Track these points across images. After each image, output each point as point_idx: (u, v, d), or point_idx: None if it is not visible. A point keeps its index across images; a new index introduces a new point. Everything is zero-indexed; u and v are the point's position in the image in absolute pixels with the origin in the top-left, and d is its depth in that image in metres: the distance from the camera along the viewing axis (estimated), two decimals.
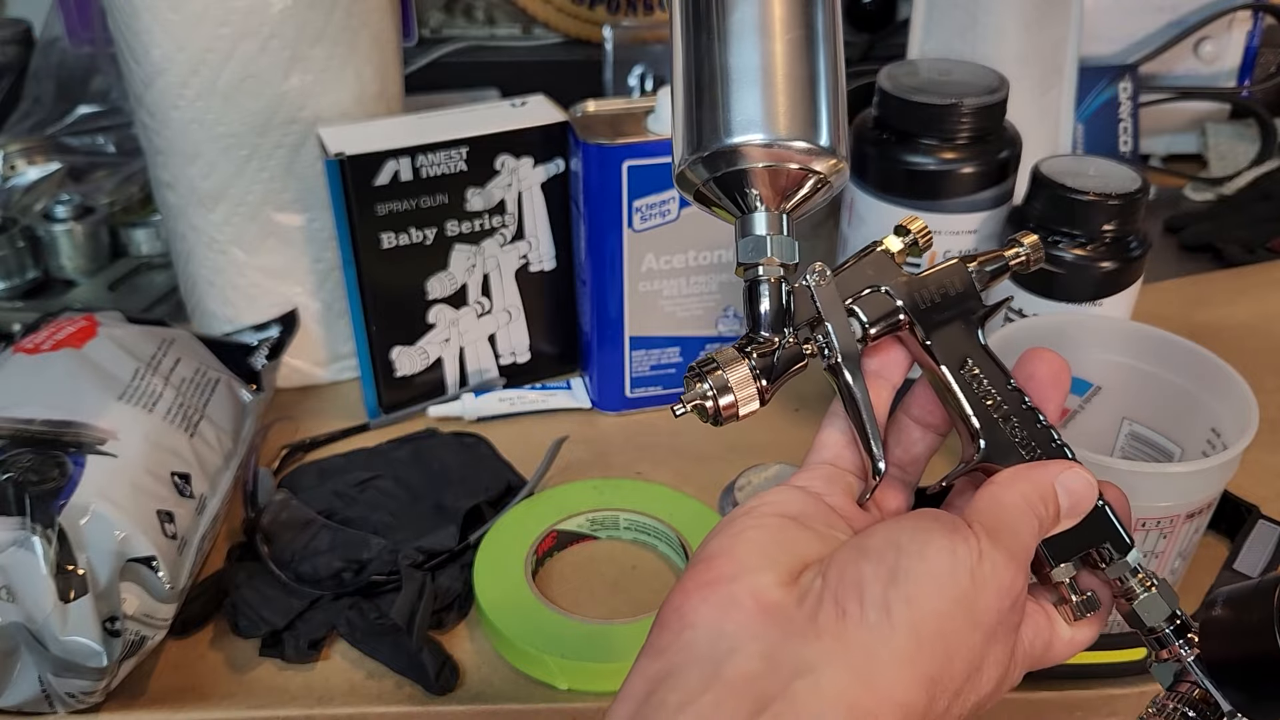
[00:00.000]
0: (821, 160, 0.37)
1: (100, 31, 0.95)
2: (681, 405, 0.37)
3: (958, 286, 0.39)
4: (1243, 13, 1.03)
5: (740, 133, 0.36)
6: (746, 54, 0.36)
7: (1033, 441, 0.38)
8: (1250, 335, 0.83)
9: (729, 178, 0.37)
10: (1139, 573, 0.38)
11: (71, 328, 0.64)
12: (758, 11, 0.37)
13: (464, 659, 0.56)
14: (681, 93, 0.38)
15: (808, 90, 0.37)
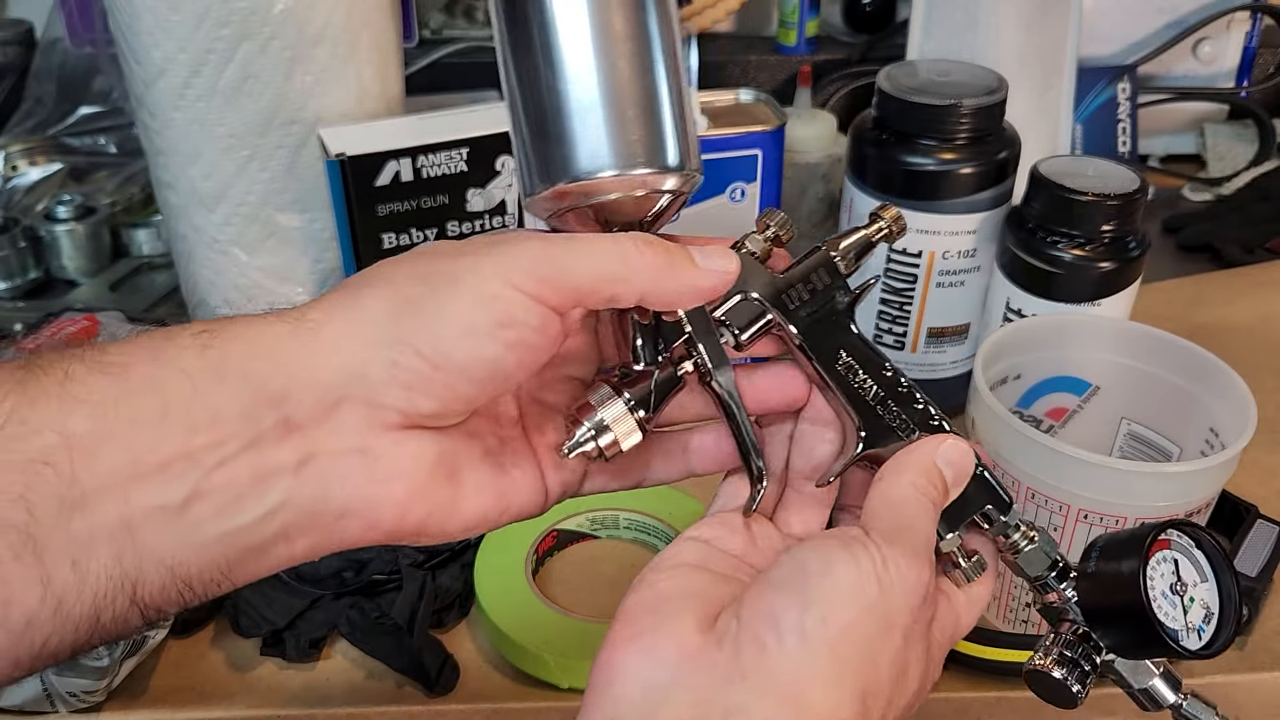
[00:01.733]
0: (673, 178, 0.36)
1: (101, 32, 0.95)
2: (565, 450, 0.37)
3: (825, 279, 0.40)
4: (1241, 14, 1.03)
5: (588, 167, 0.35)
6: (582, 78, 0.35)
7: (911, 422, 0.39)
8: (1249, 335, 0.83)
9: (582, 211, 0.36)
10: (1020, 527, 0.39)
11: (73, 328, 0.64)
12: (587, 29, 0.35)
13: (464, 659, 0.57)
14: (520, 122, 0.37)
15: (650, 108, 0.36)
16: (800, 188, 0.76)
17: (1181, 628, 0.37)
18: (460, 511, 0.36)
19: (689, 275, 0.36)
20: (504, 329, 0.34)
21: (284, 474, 0.33)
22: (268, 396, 0.33)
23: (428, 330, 0.33)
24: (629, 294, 0.35)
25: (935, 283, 0.68)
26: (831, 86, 1.04)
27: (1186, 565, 0.38)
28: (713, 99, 0.71)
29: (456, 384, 0.34)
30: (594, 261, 0.35)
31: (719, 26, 1.10)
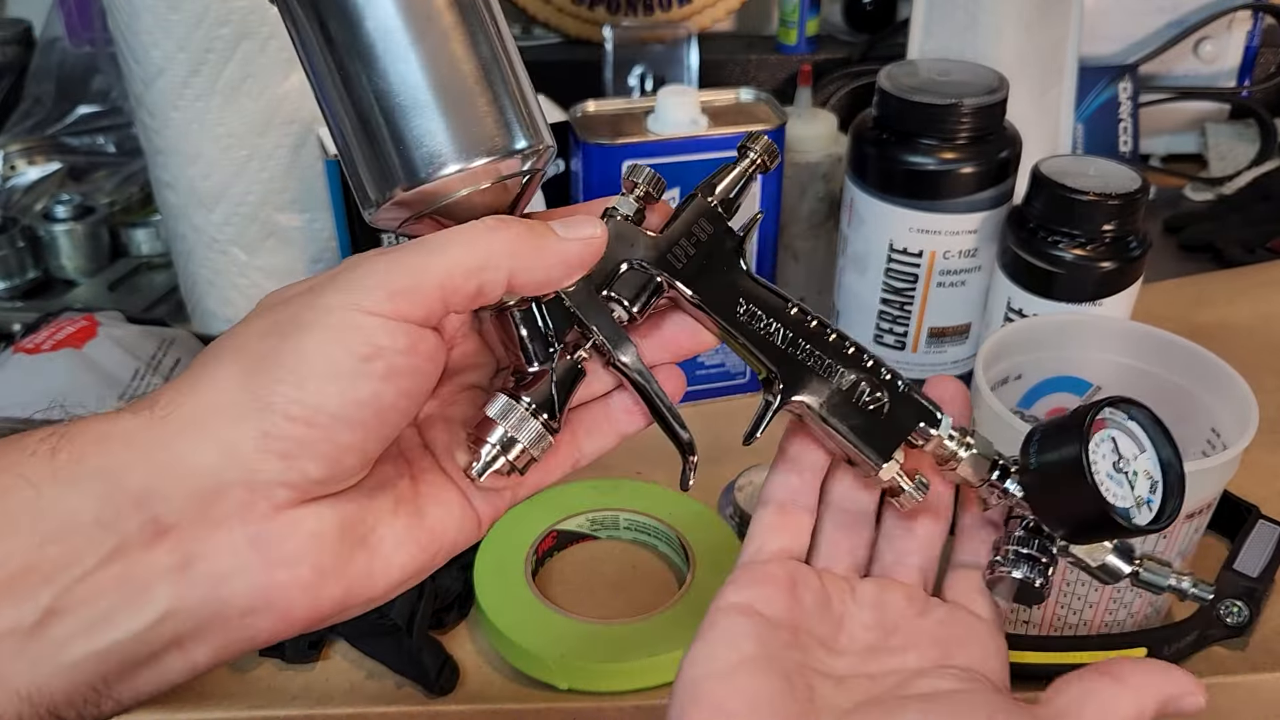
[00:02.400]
0: (521, 159, 0.34)
1: (100, 31, 0.95)
2: (475, 473, 0.35)
3: (707, 229, 0.38)
4: (1242, 13, 1.03)
5: (425, 168, 0.32)
6: (400, 70, 0.32)
7: (826, 358, 0.38)
8: (1250, 335, 0.83)
9: (434, 214, 0.34)
10: (954, 436, 0.38)
11: (71, 328, 0.64)
12: (396, 13, 0.32)
13: (464, 659, 0.56)
14: (340, 130, 0.34)
15: (480, 88, 0.33)
16: (800, 187, 0.76)
17: (1131, 504, 0.37)
18: (382, 574, 0.33)
19: (555, 249, 0.34)
20: (370, 361, 0.31)
21: (163, 580, 0.30)
22: (129, 497, 0.29)
23: (289, 386, 0.30)
24: (495, 282, 0.32)
25: (936, 282, 0.68)
26: (832, 86, 1.03)
27: (1125, 440, 0.38)
28: (713, 98, 0.71)
29: (339, 437, 0.31)
30: (449, 256, 0.32)
31: (719, 25, 1.10)
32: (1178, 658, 0.55)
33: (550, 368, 0.36)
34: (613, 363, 0.37)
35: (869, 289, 0.70)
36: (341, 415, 0.30)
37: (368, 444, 0.32)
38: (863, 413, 0.38)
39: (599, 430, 0.39)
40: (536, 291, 0.35)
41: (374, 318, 0.31)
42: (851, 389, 0.38)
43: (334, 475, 0.31)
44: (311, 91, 0.34)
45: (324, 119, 0.34)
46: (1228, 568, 0.59)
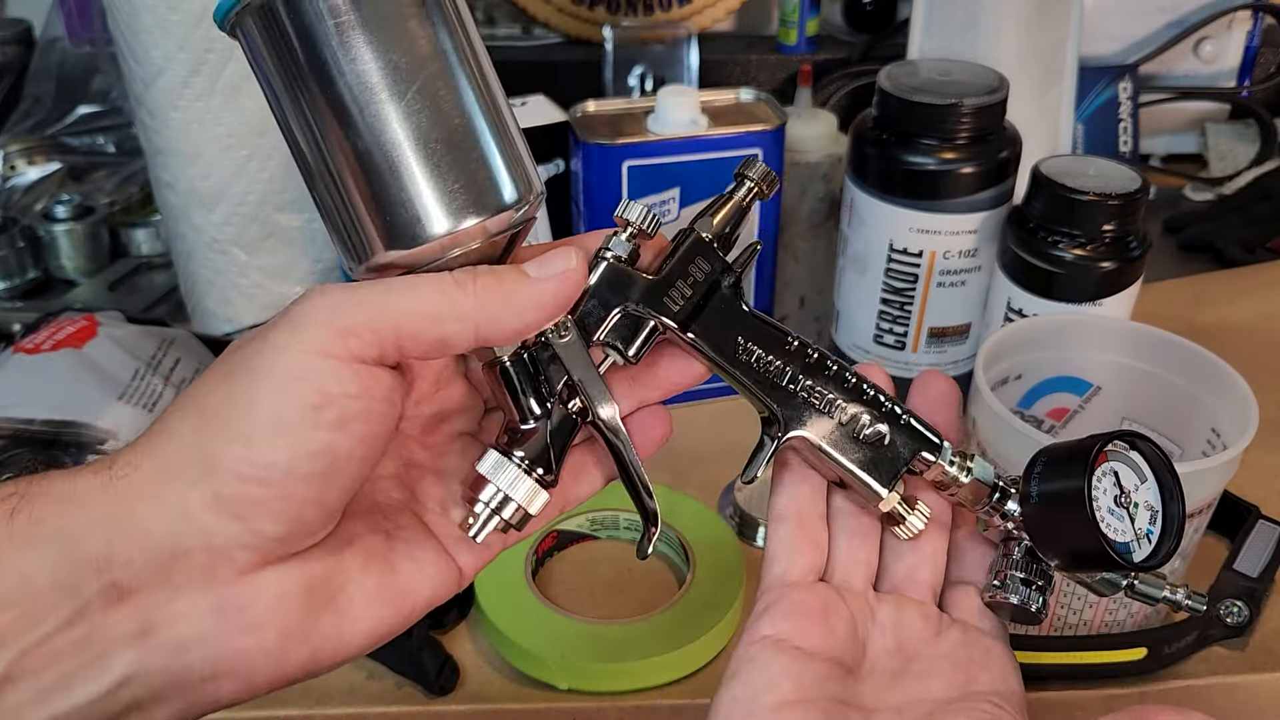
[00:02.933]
0: (514, 210, 0.32)
1: (100, 31, 0.95)
2: (474, 531, 0.34)
3: (704, 267, 0.37)
4: (1242, 13, 1.03)
5: (413, 235, 0.31)
6: (380, 128, 0.30)
7: (827, 393, 0.37)
8: (1250, 335, 0.83)
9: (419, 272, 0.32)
10: (954, 462, 0.38)
11: (71, 328, 0.64)
12: (371, 65, 0.30)
13: (464, 659, 0.56)
14: (321, 192, 0.32)
15: (467, 144, 0.31)
16: (800, 187, 0.76)
17: (1130, 538, 0.37)
18: (352, 635, 0.32)
19: (525, 293, 0.32)
20: (319, 411, 0.29)
21: (123, 646, 0.29)
22: (88, 561, 0.28)
23: (237, 444, 0.29)
24: (461, 332, 0.31)
25: (936, 282, 0.68)
26: (832, 86, 1.03)
27: (1126, 472, 0.37)
28: (713, 98, 0.71)
29: (294, 493, 0.30)
30: (408, 299, 0.30)
31: (719, 25, 1.10)
32: (1178, 658, 0.55)
33: (546, 421, 0.35)
34: (592, 420, 0.35)
35: (869, 289, 0.70)
36: (294, 471, 0.29)
37: (326, 496, 0.30)
38: (863, 445, 0.37)
39: (587, 475, 0.38)
40: (514, 340, 0.33)
41: (324, 360, 0.29)
42: (852, 422, 0.37)
43: (294, 532, 0.30)
44: (291, 152, 0.32)
45: (297, 166, 0.32)
46: (1228, 568, 0.59)
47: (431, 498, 0.36)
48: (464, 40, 0.32)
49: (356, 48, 0.29)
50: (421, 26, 0.30)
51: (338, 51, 0.29)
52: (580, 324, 0.35)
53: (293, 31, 0.30)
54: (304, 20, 0.29)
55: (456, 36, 0.31)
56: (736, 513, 0.64)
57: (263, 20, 0.30)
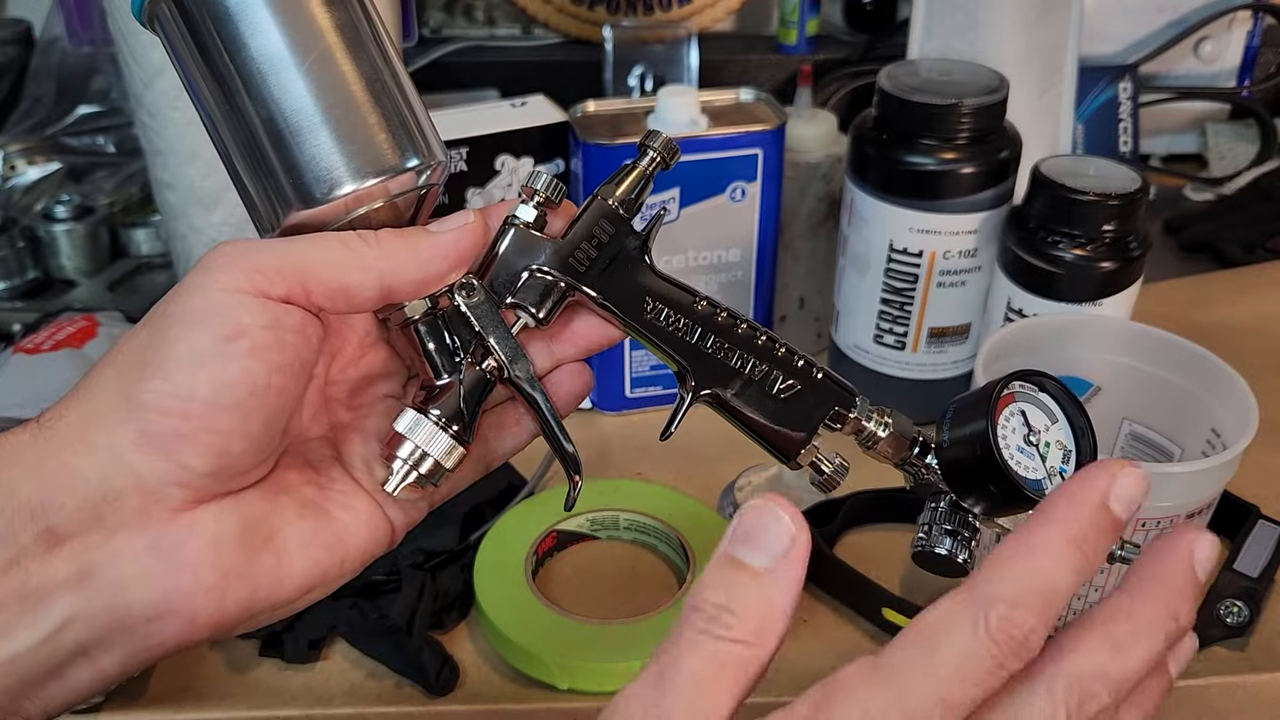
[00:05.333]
0: (413, 175, 0.34)
1: (100, 32, 0.95)
2: (390, 488, 0.35)
3: (608, 229, 0.38)
4: (1243, 13, 1.03)
5: (318, 192, 0.33)
6: (284, 94, 0.32)
7: (737, 349, 0.38)
8: (1250, 335, 0.83)
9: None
10: (871, 415, 0.39)
11: (71, 328, 0.64)
12: (275, 37, 0.32)
13: (464, 659, 0.56)
14: (230, 157, 0.34)
15: (369, 107, 0.33)
16: (800, 187, 0.76)
17: (1043, 475, 0.37)
18: (289, 577, 0.33)
19: (427, 246, 0.34)
20: (233, 341, 0.30)
21: (62, 590, 0.29)
22: (21, 510, 0.29)
23: (157, 380, 0.30)
24: (366, 282, 0.32)
25: (936, 282, 0.68)
26: (832, 86, 1.03)
27: (1035, 412, 0.38)
28: (713, 98, 0.71)
29: (217, 424, 0.30)
30: (315, 248, 0.32)
31: (719, 25, 1.10)
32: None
33: (458, 379, 0.36)
34: (507, 377, 0.36)
35: (869, 289, 0.70)
36: (214, 400, 0.30)
37: (250, 427, 0.31)
38: (775, 400, 0.38)
39: (509, 431, 0.39)
40: (420, 292, 0.34)
41: (233, 294, 0.31)
42: (764, 378, 0.38)
43: (223, 467, 0.31)
44: (201, 119, 0.34)
45: (212, 143, 0.34)
46: (1228, 568, 0.59)
47: (358, 457, 0.37)
48: (362, 16, 0.34)
49: (259, 23, 0.32)
50: (319, 3, 0.33)
51: (241, 28, 0.32)
52: (490, 287, 0.36)
53: (202, 12, 0.32)
54: (210, 1, 0.32)
55: (354, 13, 0.33)
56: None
57: (175, 5, 0.32)
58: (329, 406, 0.38)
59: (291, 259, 0.32)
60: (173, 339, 0.30)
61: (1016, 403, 0.38)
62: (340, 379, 0.38)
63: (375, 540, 0.36)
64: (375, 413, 0.38)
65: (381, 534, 0.36)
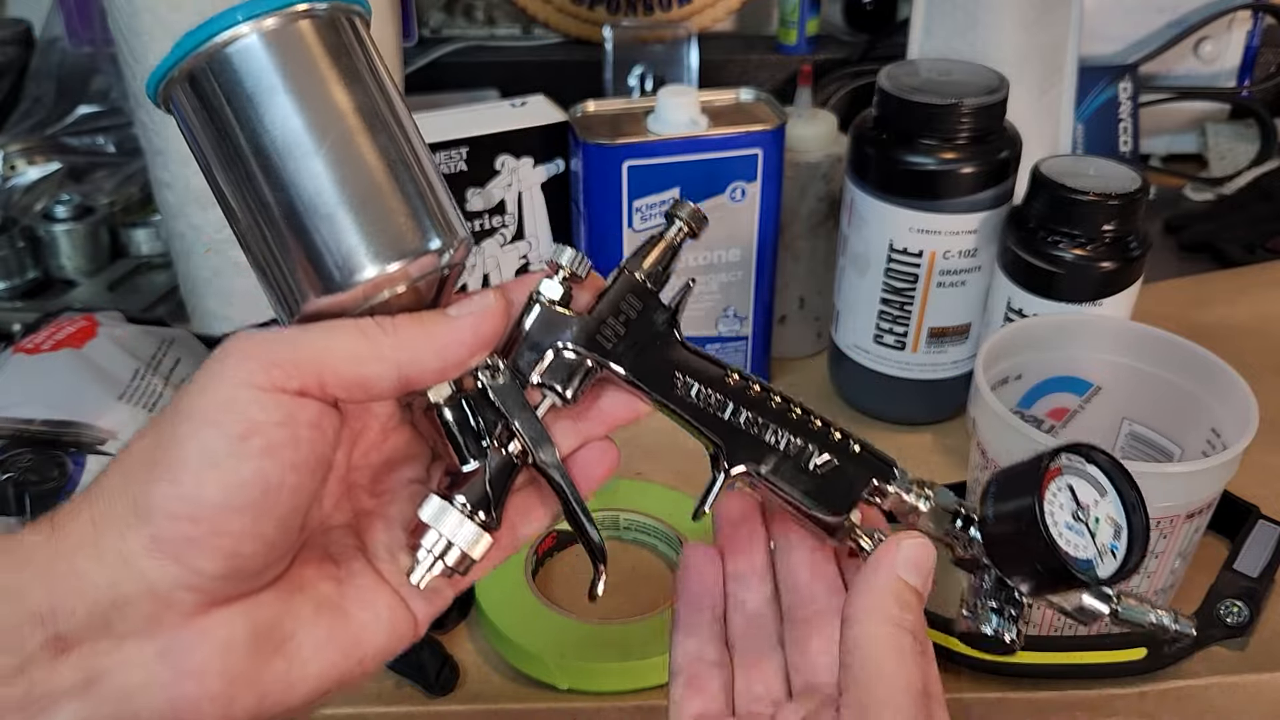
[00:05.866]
0: (437, 257, 0.33)
1: (100, 31, 0.95)
2: (415, 580, 0.34)
3: (636, 304, 0.36)
4: (1243, 13, 1.03)
5: (340, 279, 0.32)
6: (303, 178, 0.31)
7: (771, 424, 0.37)
8: (1250, 335, 0.83)
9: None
10: (911, 489, 0.37)
11: (71, 328, 0.64)
12: (289, 123, 0.31)
13: (464, 659, 0.56)
14: (250, 242, 0.33)
15: (390, 189, 0.32)
16: (800, 187, 0.76)
17: (1094, 554, 0.36)
18: (300, 681, 0.32)
19: (445, 331, 0.32)
20: (246, 440, 0.29)
21: (68, 697, 0.29)
22: (30, 615, 0.29)
23: (166, 483, 0.29)
24: (384, 372, 0.31)
25: (936, 282, 0.68)
26: (832, 86, 1.03)
27: (1083, 485, 0.36)
28: (713, 98, 0.71)
29: (229, 526, 0.29)
30: (331, 338, 0.31)
31: (719, 25, 1.10)
32: (1177, 657, 0.55)
33: (485, 464, 0.35)
34: (533, 462, 0.36)
35: (869, 289, 0.70)
36: (225, 503, 0.29)
37: (262, 528, 0.30)
38: (813, 476, 0.37)
39: (534, 515, 0.38)
40: (439, 380, 0.33)
41: (247, 389, 0.30)
42: (799, 454, 0.37)
43: (235, 569, 0.30)
44: (220, 205, 0.33)
45: (229, 225, 0.33)
46: (1227, 568, 0.59)
47: (381, 545, 0.36)
48: (380, 97, 0.33)
49: (276, 106, 0.31)
50: (338, 85, 0.32)
51: (259, 112, 0.31)
52: (515, 367, 0.35)
53: (218, 94, 0.31)
54: (227, 83, 0.31)
55: (372, 93, 0.33)
56: None
57: (191, 88, 0.32)
58: (351, 493, 0.37)
59: (306, 351, 0.31)
60: (182, 438, 0.29)
61: (1064, 476, 0.36)
62: (363, 464, 0.37)
63: (397, 637, 0.35)
64: (399, 499, 0.37)
65: (404, 629, 0.35)
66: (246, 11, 0.31)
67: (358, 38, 0.33)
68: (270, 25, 0.31)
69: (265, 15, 0.31)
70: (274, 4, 0.31)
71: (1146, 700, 0.55)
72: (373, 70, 0.33)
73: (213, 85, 0.31)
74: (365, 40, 0.33)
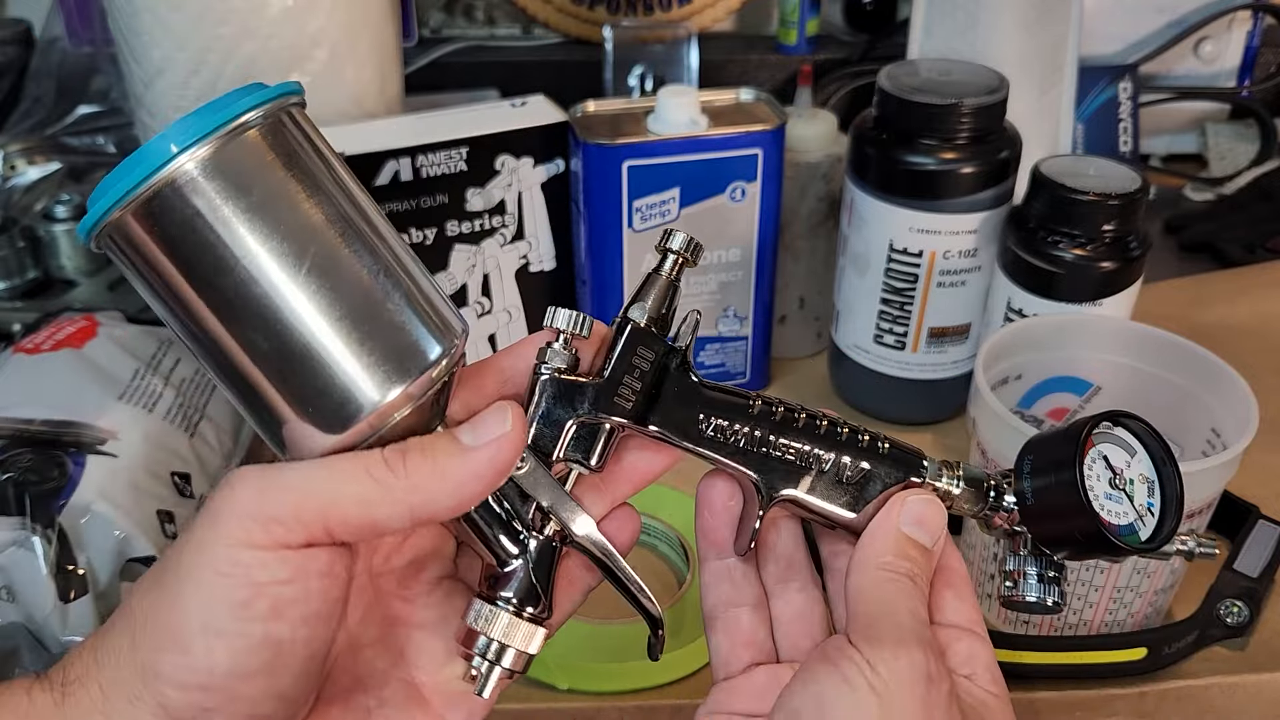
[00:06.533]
0: (438, 367, 0.30)
1: (100, 31, 0.95)
2: (477, 690, 0.33)
3: (647, 355, 0.35)
4: (1243, 13, 1.03)
5: (343, 420, 0.29)
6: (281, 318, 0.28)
7: (803, 446, 0.36)
8: (1250, 335, 0.83)
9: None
10: (941, 474, 0.37)
11: (71, 328, 0.64)
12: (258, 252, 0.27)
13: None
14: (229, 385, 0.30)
15: (378, 309, 0.29)
16: (800, 187, 0.76)
17: (1133, 518, 0.36)
18: None
19: (459, 468, 0.30)
20: (248, 606, 0.28)
21: None
22: None
23: (174, 654, 0.28)
24: (396, 514, 0.29)
25: (936, 282, 0.68)
26: (832, 86, 1.03)
27: (1115, 451, 0.37)
28: (713, 98, 0.71)
29: (243, 692, 0.28)
30: (335, 484, 0.29)
31: (719, 25, 1.10)
32: (1178, 658, 0.55)
33: (525, 555, 0.34)
34: (571, 541, 0.35)
35: (869, 289, 0.70)
36: (236, 670, 0.28)
37: (279, 686, 0.29)
38: (849, 487, 0.37)
39: (575, 587, 0.38)
40: (455, 514, 0.31)
41: (248, 551, 0.28)
42: (834, 468, 0.36)
43: None
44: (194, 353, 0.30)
45: (218, 380, 0.30)
46: (1228, 568, 0.59)
47: (422, 654, 0.35)
48: (344, 199, 0.29)
49: (239, 242, 0.27)
50: (301, 198, 0.28)
51: (220, 252, 0.27)
52: (535, 446, 0.34)
53: (168, 240, 0.27)
54: (178, 222, 0.27)
55: (335, 198, 0.29)
56: None
57: (132, 233, 0.27)
58: (381, 600, 0.35)
59: (312, 501, 0.28)
60: (185, 603, 0.28)
61: (1096, 446, 0.36)
62: (385, 570, 0.36)
63: None
64: (433, 600, 0.36)
65: None
66: (180, 139, 0.26)
67: (306, 135, 0.30)
68: (208, 151, 0.27)
69: (202, 140, 0.27)
70: (209, 122, 0.27)
71: (1146, 700, 0.55)
72: (330, 170, 0.30)
73: (159, 228, 0.27)
74: (313, 136, 0.30)
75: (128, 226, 0.27)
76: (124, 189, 0.27)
